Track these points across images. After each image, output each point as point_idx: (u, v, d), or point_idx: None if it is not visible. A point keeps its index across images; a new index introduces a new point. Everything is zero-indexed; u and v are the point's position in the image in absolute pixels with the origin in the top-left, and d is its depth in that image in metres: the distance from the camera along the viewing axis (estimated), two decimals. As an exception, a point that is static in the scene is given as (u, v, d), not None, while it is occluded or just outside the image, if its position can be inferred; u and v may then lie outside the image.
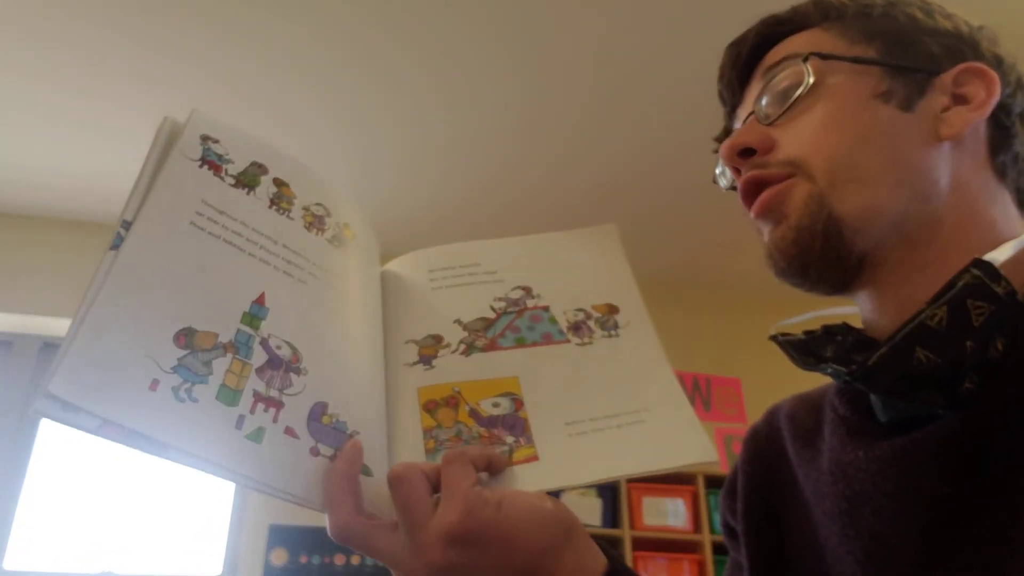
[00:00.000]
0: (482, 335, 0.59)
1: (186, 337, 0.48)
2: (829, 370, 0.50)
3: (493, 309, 0.60)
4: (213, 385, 0.47)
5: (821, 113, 0.54)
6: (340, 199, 0.62)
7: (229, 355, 0.48)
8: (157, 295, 0.48)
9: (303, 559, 2.77)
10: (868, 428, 0.52)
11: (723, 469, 3.03)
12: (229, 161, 0.56)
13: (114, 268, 0.47)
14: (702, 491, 2.99)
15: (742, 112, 0.61)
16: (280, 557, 2.76)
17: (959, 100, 0.54)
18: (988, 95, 0.53)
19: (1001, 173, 0.55)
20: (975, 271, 0.45)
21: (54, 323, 2.91)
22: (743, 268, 3.35)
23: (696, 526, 2.94)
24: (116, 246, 0.48)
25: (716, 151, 0.62)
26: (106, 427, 0.43)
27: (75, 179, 2.83)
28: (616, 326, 0.59)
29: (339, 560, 2.79)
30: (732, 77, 0.61)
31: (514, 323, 0.60)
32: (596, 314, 0.60)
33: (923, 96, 0.54)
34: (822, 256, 0.52)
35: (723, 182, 0.63)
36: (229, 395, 0.47)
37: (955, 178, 0.53)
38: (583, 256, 0.65)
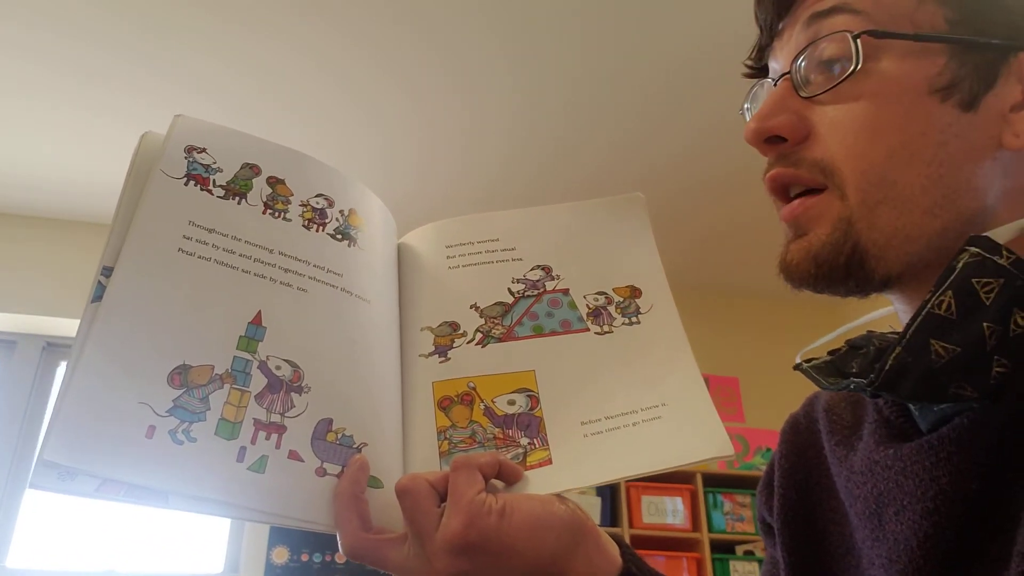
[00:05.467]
0: (499, 323, 0.57)
1: (181, 376, 0.46)
2: (852, 386, 0.45)
3: (511, 292, 0.58)
4: (211, 421, 0.46)
5: (863, 111, 0.46)
6: (343, 184, 0.59)
7: (227, 386, 0.47)
8: (146, 339, 0.46)
9: (304, 557, 2.77)
10: (911, 432, 0.48)
11: (721, 467, 3.06)
12: (217, 170, 0.54)
13: (96, 321, 0.45)
14: (700, 490, 2.99)
15: (779, 54, 0.53)
16: (281, 555, 2.77)
17: None
18: None
19: None
20: (972, 248, 0.40)
21: (57, 323, 2.92)
22: (741, 267, 3.36)
23: (695, 524, 2.94)
24: (98, 298, 0.46)
25: (747, 75, 0.57)
26: (105, 487, 0.41)
27: (78, 179, 2.84)
28: (638, 311, 0.57)
29: (340, 559, 2.80)
30: (770, 5, 0.53)
31: (532, 309, 0.57)
32: (618, 298, 0.58)
33: (991, 87, 0.45)
34: (842, 281, 0.47)
35: (749, 117, 0.56)
36: (228, 428, 0.46)
37: (1010, 188, 0.46)
38: (607, 229, 0.62)
